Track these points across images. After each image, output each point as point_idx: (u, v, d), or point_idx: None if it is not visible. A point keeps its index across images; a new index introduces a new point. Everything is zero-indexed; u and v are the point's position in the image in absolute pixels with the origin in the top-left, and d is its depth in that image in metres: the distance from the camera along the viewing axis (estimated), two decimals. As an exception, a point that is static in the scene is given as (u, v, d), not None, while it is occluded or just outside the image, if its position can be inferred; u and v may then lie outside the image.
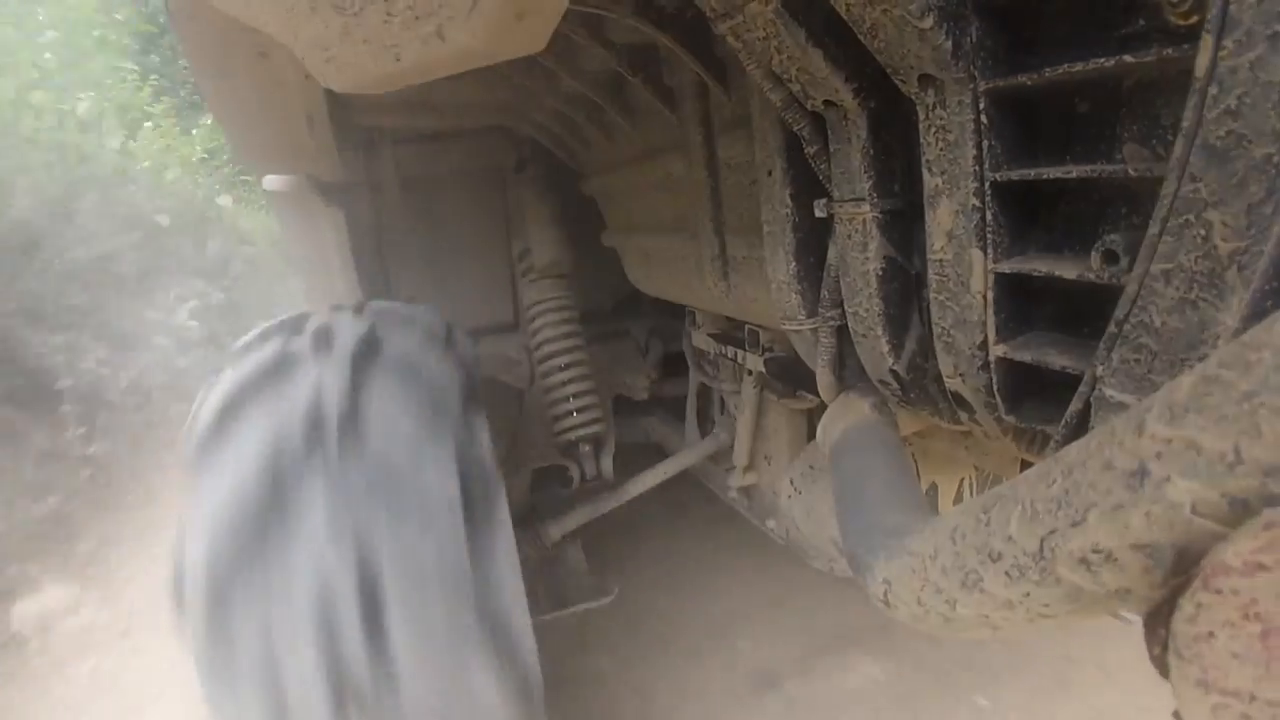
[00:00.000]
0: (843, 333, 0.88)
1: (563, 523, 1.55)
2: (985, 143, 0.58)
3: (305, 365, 0.96)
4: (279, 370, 0.95)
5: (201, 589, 0.83)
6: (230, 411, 0.92)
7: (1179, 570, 0.27)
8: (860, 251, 0.75)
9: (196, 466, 0.91)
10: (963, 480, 1.29)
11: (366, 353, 0.97)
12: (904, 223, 0.74)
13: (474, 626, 0.86)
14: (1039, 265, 0.57)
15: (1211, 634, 0.25)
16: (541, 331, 1.86)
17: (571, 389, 1.82)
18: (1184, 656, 0.26)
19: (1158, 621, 0.28)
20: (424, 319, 1.12)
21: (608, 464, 1.83)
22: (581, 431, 1.80)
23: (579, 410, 1.81)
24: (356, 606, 0.80)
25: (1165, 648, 0.27)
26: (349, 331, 1.01)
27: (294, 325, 1.06)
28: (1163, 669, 0.28)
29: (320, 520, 0.82)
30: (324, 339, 1.00)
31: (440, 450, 0.91)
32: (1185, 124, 0.42)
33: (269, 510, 0.83)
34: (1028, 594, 0.37)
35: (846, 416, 0.87)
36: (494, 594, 0.89)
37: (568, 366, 1.83)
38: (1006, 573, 0.37)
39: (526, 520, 1.54)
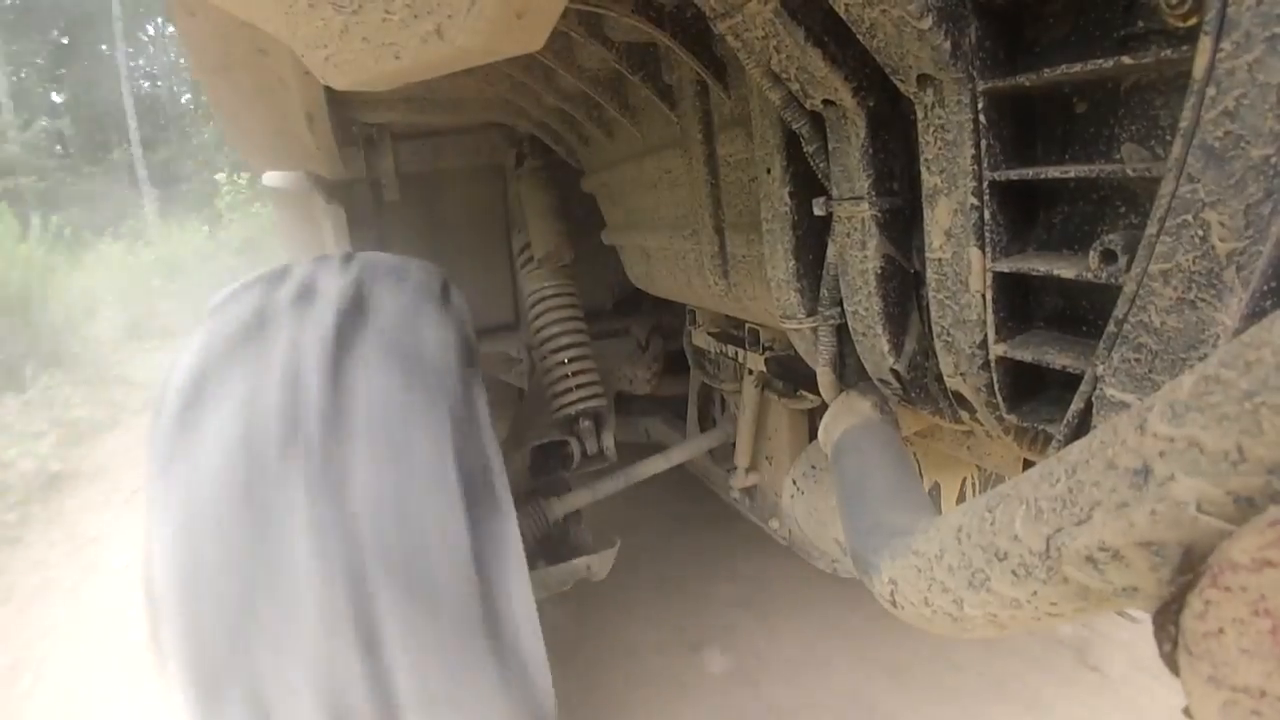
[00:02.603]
0: (843, 332, 0.89)
1: (565, 501, 1.54)
2: (984, 142, 0.58)
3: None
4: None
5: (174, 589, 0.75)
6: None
7: (1186, 567, 0.28)
8: (859, 250, 0.75)
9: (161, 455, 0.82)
10: (965, 480, 1.29)
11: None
12: (903, 221, 0.74)
13: (478, 629, 0.79)
14: (1038, 264, 0.58)
15: (1221, 630, 0.25)
16: (542, 316, 1.86)
17: (572, 367, 1.81)
18: (1193, 653, 0.26)
19: (1166, 619, 0.28)
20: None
21: (609, 441, 1.82)
22: (582, 406, 1.80)
23: (578, 386, 1.80)
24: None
25: (1175, 645, 0.27)
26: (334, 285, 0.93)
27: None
28: (1172, 666, 0.28)
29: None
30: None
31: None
32: (1183, 124, 0.43)
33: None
34: (1035, 593, 0.37)
35: (848, 416, 0.88)
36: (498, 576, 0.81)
37: (568, 346, 1.82)
38: (1013, 571, 0.38)
39: (528, 498, 1.53)
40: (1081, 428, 0.56)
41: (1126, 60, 0.47)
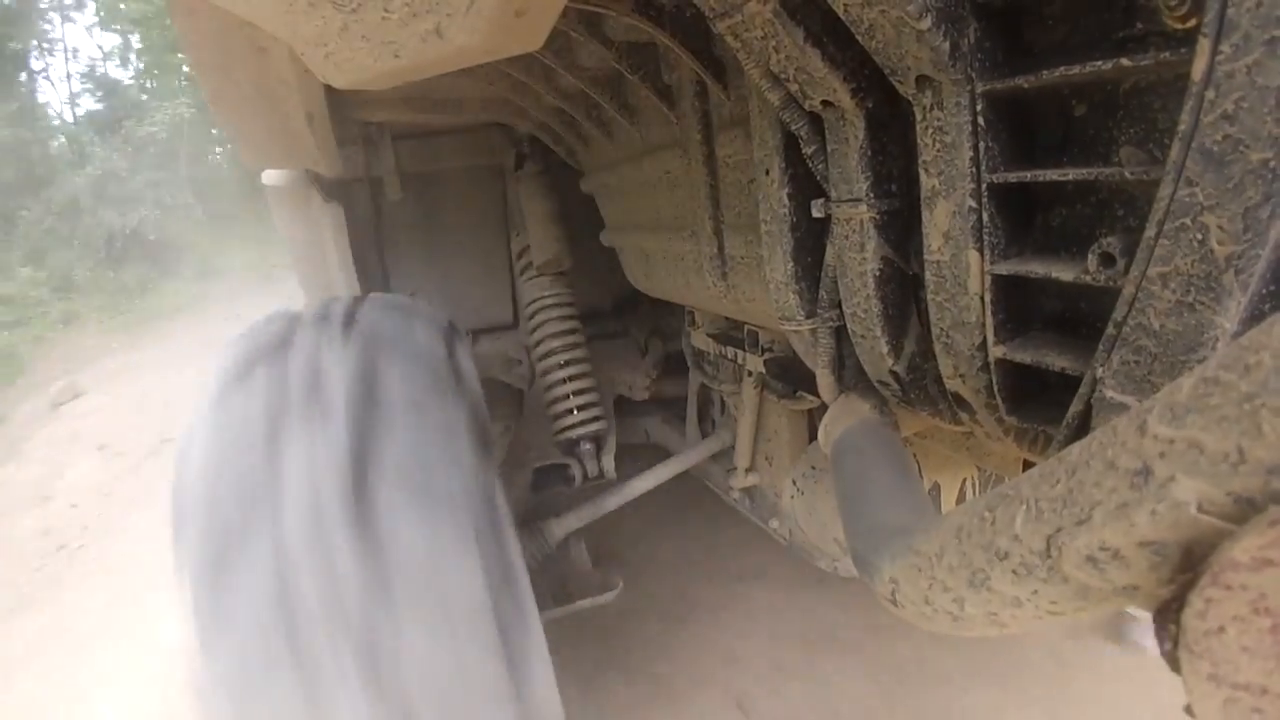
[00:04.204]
0: (842, 333, 0.89)
1: (565, 521, 1.55)
2: (982, 144, 0.58)
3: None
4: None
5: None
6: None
7: (1186, 567, 0.28)
8: (858, 252, 0.75)
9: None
10: (965, 480, 1.30)
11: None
12: (901, 224, 0.74)
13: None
14: (1036, 267, 0.58)
15: (1222, 629, 0.25)
16: (541, 329, 1.86)
17: (571, 387, 1.82)
18: (1194, 652, 0.26)
19: (1167, 617, 0.28)
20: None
21: (609, 462, 1.83)
22: (582, 430, 1.80)
23: (579, 409, 1.81)
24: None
25: (1176, 643, 0.28)
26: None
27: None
28: (1174, 664, 0.28)
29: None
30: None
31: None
32: (1182, 127, 0.43)
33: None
34: (1035, 592, 0.37)
35: (847, 417, 0.88)
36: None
37: (567, 364, 1.83)
38: (1014, 571, 0.38)
39: (529, 519, 1.54)
40: (1081, 429, 0.56)
41: (1125, 62, 0.47)
